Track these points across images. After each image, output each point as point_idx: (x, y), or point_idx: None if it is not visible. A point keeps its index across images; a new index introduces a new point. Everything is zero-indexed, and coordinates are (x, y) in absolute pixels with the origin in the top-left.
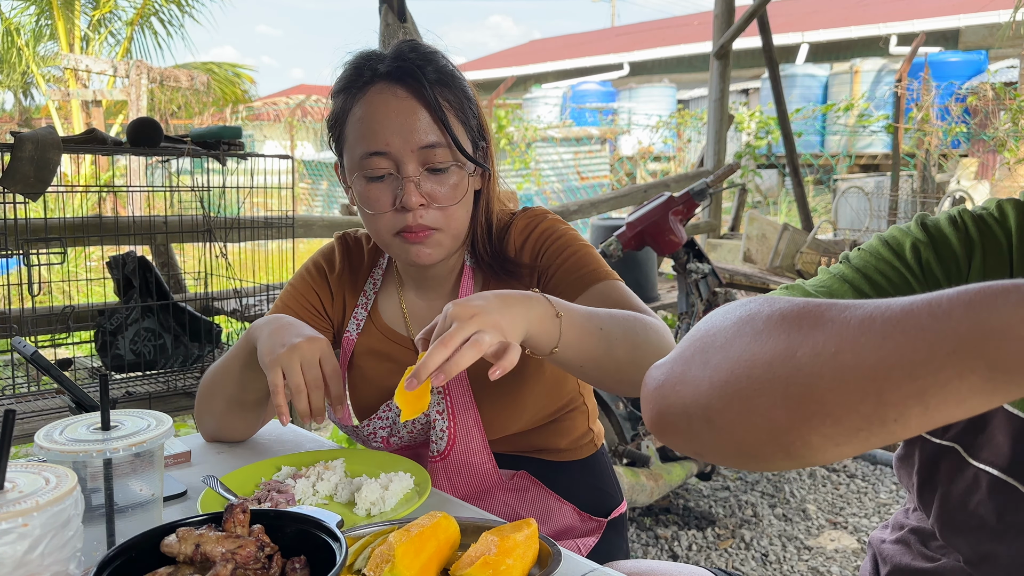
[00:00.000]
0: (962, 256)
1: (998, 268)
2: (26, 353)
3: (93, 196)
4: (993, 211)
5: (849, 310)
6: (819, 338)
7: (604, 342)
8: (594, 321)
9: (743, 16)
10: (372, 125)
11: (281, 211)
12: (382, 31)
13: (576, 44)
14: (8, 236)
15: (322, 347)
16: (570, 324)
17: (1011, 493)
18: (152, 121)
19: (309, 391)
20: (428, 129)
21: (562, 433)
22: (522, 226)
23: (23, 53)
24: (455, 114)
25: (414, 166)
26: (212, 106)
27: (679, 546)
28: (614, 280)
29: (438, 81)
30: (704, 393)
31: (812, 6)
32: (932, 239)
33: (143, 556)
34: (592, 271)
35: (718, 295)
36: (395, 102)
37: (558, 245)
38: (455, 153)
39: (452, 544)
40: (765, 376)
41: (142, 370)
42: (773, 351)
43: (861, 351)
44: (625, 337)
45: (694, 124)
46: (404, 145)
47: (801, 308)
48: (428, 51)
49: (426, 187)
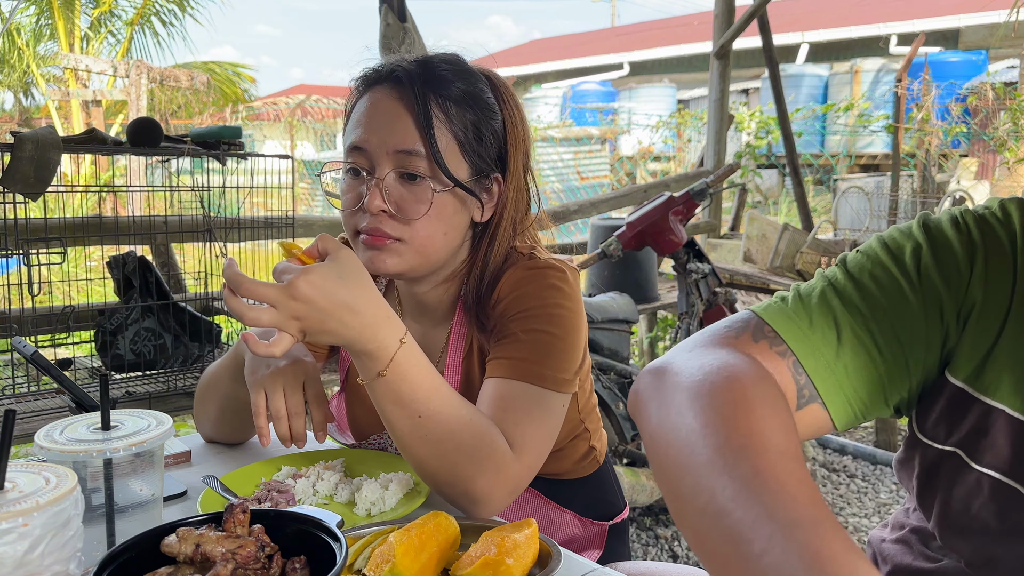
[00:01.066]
0: (964, 260)
1: (1001, 270)
2: (26, 353)
3: (93, 196)
4: (996, 211)
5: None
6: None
7: (415, 432)
8: (419, 406)
9: (743, 16)
10: (360, 120)
11: (281, 211)
12: (382, 31)
13: (576, 44)
14: (8, 236)
15: (307, 370)
16: (387, 392)
17: (1013, 496)
18: (152, 121)
19: (290, 417)
20: (408, 135)
21: (563, 459)
22: (517, 278)
23: (23, 53)
24: (451, 130)
25: (387, 169)
26: (212, 106)
27: (679, 546)
28: (537, 387)
29: (450, 96)
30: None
31: (812, 6)
32: (933, 242)
33: (143, 556)
34: (523, 363)
35: (718, 295)
36: (385, 102)
37: (528, 315)
38: (433, 168)
39: (452, 544)
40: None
41: (142, 370)
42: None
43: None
44: (439, 443)
45: (694, 124)
46: (380, 145)
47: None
48: (462, 67)
49: (396, 194)
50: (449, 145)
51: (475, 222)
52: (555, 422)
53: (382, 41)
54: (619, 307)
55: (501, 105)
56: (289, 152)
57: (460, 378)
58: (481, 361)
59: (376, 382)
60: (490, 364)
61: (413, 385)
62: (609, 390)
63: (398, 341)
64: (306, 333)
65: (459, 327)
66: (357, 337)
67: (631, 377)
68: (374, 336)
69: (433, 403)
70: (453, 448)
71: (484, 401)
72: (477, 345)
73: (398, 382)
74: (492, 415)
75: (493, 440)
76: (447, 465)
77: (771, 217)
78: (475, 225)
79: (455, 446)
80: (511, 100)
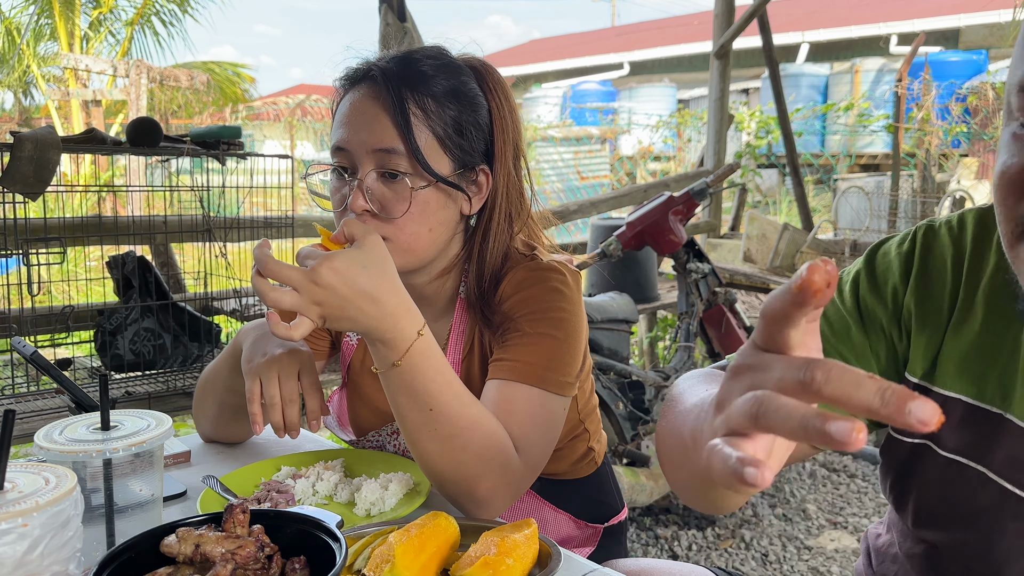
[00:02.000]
0: (900, 275)
1: (939, 278)
2: (26, 353)
3: (93, 196)
4: (955, 222)
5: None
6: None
7: (425, 426)
8: (431, 399)
9: (743, 16)
10: (341, 120)
11: (281, 211)
12: (382, 31)
13: (576, 44)
14: (8, 236)
15: (302, 359)
16: (400, 382)
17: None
18: (152, 121)
19: (284, 405)
20: (386, 134)
21: (561, 459)
22: (519, 279)
23: (23, 53)
24: (429, 126)
25: (368, 168)
26: (212, 106)
27: (679, 546)
28: (540, 390)
29: (429, 92)
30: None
31: (812, 6)
32: (871, 268)
33: (143, 556)
34: (526, 366)
35: (718, 295)
36: (365, 102)
37: (530, 318)
38: (414, 164)
39: (452, 544)
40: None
41: (142, 370)
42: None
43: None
44: (448, 440)
45: (694, 124)
46: (360, 145)
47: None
48: (444, 62)
49: (378, 192)
50: (428, 141)
51: (466, 215)
52: (557, 425)
53: (382, 41)
54: (619, 307)
55: (488, 96)
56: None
57: (460, 376)
58: (481, 361)
59: (390, 372)
60: (492, 366)
61: (426, 378)
62: (609, 390)
63: (416, 333)
64: (326, 319)
65: (459, 325)
66: (376, 326)
67: (631, 377)
68: (393, 326)
69: (445, 397)
70: (461, 447)
71: (486, 403)
72: (478, 344)
73: (412, 373)
74: (495, 417)
75: (501, 442)
76: (454, 463)
77: (771, 217)
78: (467, 218)
79: (463, 444)
80: (498, 90)
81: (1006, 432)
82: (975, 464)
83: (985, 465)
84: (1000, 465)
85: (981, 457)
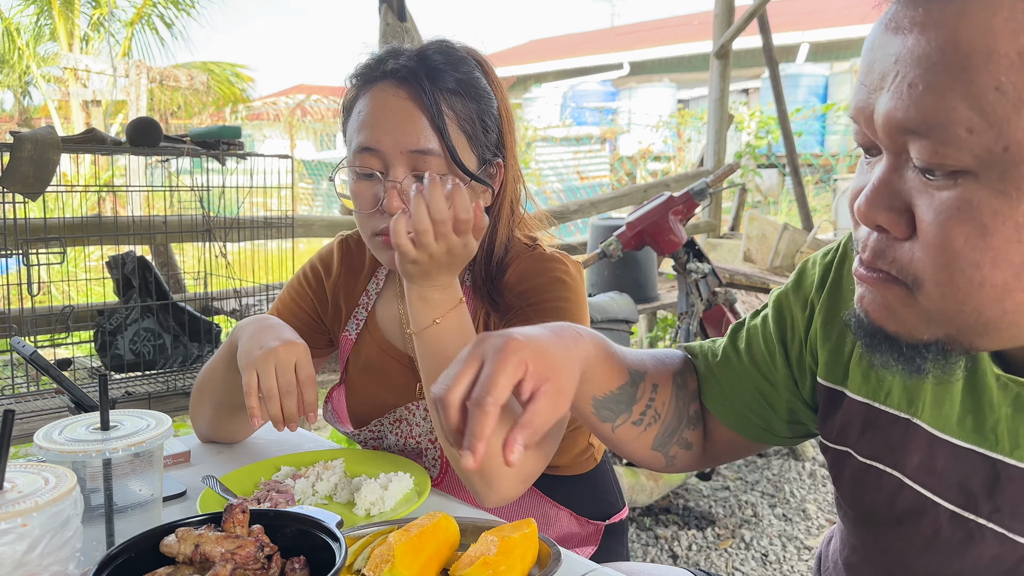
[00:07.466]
0: (816, 289)
1: (846, 293)
2: (25, 353)
3: (93, 196)
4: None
5: None
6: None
7: None
8: None
9: (743, 16)
10: (368, 120)
11: (281, 211)
12: (382, 31)
13: (576, 44)
14: (7, 236)
15: (299, 352)
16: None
17: (892, 482)
18: (152, 121)
19: (281, 396)
20: (422, 134)
21: (563, 452)
22: (523, 268)
23: (23, 53)
24: (460, 125)
25: (402, 169)
26: (211, 105)
27: (679, 546)
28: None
29: (454, 90)
30: None
31: (812, 6)
32: (799, 278)
33: (143, 556)
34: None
35: (718, 295)
36: (394, 102)
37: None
38: (450, 164)
39: (452, 544)
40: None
41: (141, 370)
42: None
43: None
44: None
45: (694, 124)
46: (394, 146)
47: None
48: (456, 56)
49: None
50: (459, 140)
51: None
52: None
53: (382, 41)
54: (619, 307)
55: (494, 89)
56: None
57: None
58: None
59: (427, 331)
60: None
61: (458, 344)
62: None
63: (457, 300)
64: (414, 275)
65: None
66: (439, 284)
67: None
68: (448, 283)
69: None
70: None
71: None
72: (483, 330)
73: (448, 333)
74: None
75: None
76: None
77: (771, 217)
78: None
79: None
80: (498, 81)
81: (916, 437)
82: (890, 469)
83: (900, 470)
84: (915, 470)
85: (896, 462)
